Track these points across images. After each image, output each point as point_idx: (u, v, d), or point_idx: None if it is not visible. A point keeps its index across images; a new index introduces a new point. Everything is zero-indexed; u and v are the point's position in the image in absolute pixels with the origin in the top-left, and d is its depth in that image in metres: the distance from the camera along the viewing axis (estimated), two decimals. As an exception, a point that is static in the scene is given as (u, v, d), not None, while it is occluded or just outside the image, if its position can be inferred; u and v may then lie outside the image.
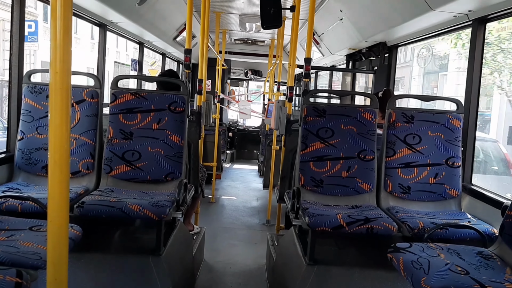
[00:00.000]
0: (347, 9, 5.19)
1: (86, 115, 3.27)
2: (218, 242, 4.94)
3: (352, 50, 6.27)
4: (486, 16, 3.24)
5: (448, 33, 4.03)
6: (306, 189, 3.25)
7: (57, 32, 1.32)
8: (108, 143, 3.25)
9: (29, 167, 3.19)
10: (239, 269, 4.25)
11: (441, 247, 2.20)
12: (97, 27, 4.79)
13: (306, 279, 2.75)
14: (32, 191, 2.90)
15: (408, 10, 3.85)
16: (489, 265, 2.05)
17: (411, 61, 13.29)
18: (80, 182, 3.21)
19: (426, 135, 3.23)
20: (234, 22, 7.64)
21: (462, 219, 2.85)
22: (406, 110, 3.29)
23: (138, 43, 6.34)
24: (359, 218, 2.71)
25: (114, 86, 3.32)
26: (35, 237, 2.07)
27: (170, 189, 3.20)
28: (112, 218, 2.70)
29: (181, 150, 3.27)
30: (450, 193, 3.15)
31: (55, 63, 1.32)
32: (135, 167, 3.23)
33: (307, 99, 3.42)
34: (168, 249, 2.92)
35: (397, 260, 2.13)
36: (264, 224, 5.85)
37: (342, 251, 3.09)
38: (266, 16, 4.00)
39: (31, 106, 3.25)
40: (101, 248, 2.90)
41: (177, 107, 3.31)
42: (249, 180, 9.10)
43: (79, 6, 4.09)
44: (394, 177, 3.21)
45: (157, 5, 5.33)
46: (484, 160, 6.74)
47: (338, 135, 3.31)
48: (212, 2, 6.08)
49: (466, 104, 3.36)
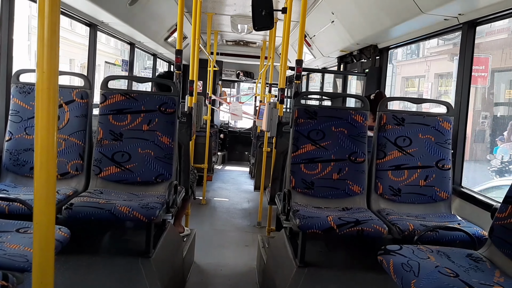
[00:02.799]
0: (339, 11, 5.20)
1: (75, 116, 3.24)
2: (208, 244, 4.92)
3: (344, 52, 6.28)
4: (476, 19, 3.26)
5: (439, 36, 4.06)
6: (297, 191, 3.24)
7: (45, 31, 1.30)
8: (97, 144, 3.22)
9: (17, 168, 3.15)
10: (230, 271, 4.23)
11: (431, 250, 2.21)
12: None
13: (296, 281, 2.74)
14: (19, 193, 2.86)
15: (399, 13, 3.87)
16: (479, 268, 2.05)
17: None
18: (69, 184, 3.17)
19: (416, 138, 3.24)
20: (225, 23, 7.63)
21: (452, 222, 2.86)
22: (397, 112, 3.29)
23: (129, 43, 6.31)
24: (349, 221, 2.71)
25: (104, 87, 3.29)
26: (22, 239, 2.04)
27: (160, 191, 3.18)
28: (101, 220, 2.67)
29: (172, 152, 3.25)
30: (440, 196, 3.16)
31: (42, 62, 1.30)
32: (124, 169, 3.20)
33: (299, 101, 3.41)
34: (158, 251, 2.89)
35: (387, 262, 2.13)
36: (255, 226, 5.84)
37: (333, 254, 3.09)
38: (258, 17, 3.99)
39: (20, 106, 3.21)
40: (90, 251, 2.86)
41: (168, 108, 3.28)
42: (240, 182, 9.08)
43: (69, 6, 4.05)
44: (385, 180, 3.21)
45: (148, 5, 5.30)
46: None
47: (329, 137, 3.31)
48: (204, 3, 6.07)
49: (456, 107, 3.37)
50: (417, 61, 13.36)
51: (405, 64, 13.87)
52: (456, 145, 3.36)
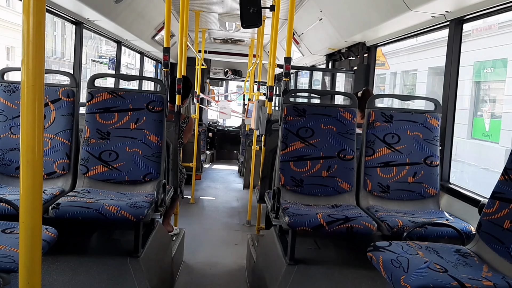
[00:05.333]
0: (327, 9, 5.21)
1: (61, 115, 3.20)
2: (197, 243, 4.90)
3: (332, 50, 6.30)
4: (463, 16, 3.28)
5: (426, 33, 4.08)
6: (286, 189, 3.24)
7: (30, 27, 1.28)
8: (84, 143, 3.18)
9: (2, 168, 3.10)
10: (219, 270, 4.22)
11: (420, 246, 2.22)
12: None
13: (286, 279, 2.74)
14: (5, 193, 2.81)
15: (386, 10, 3.88)
16: (467, 263, 2.07)
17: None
18: (56, 183, 3.13)
19: (405, 135, 3.26)
20: (213, 21, 7.60)
21: (440, 218, 2.89)
22: (385, 109, 3.31)
23: (115, 41, 6.25)
24: (339, 218, 2.71)
25: (91, 85, 3.25)
26: (8, 239, 2.01)
27: (149, 190, 3.15)
28: (89, 219, 2.64)
29: (160, 150, 3.23)
30: (429, 192, 3.19)
31: (28, 59, 1.28)
32: (112, 168, 3.17)
33: (287, 99, 3.41)
34: (146, 250, 2.87)
35: (377, 259, 2.14)
36: (244, 224, 5.83)
37: (323, 251, 3.09)
38: (246, 15, 3.98)
39: (4, 105, 3.16)
40: (77, 250, 2.83)
41: (156, 107, 3.26)
42: (229, 180, 9.06)
43: (54, 3, 4.00)
44: (374, 177, 3.22)
45: (135, 3, 5.26)
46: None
47: (318, 135, 3.31)
48: (192, 0, 6.03)
49: (444, 104, 3.40)
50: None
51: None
52: (444, 142, 3.38)
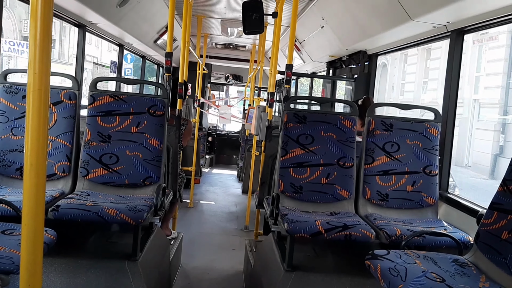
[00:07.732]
0: (329, 17, 5.24)
1: (63, 117, 3.21)
2: (195, 248, 4.90)
3: (333, 58, 6.33)
4: (464, 27, 3.31)
5: (427, 43, 4.11)
6: (285, 195, 3.25)
7: (37, 32, 1.29)
8: (85, 145, 3.19)
9: (3, 169, 3.11)
10: (217, 275, 4.22)
11: (418, 255, 2.23)
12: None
13: (284, 285, 2.74)
14: (5, 194, 2.82)
15: (388, 19, 3.91)
16: (465, 273, 2.08)
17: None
18: (56, 185, 3.14)
19: (404, 143, 3.27)
20: (215, 26, 7.64)
21: (438, 227, 2.89)
22: (385, 118, 3.32)
23: (118, 45, 6.27)
24: (337, 225, 2.72)
25: (93, 88, 3.27)
26: (8, 241, 2.02)
27: (148, 193, 3.16)
28: (88, 222, 2.64)
29: (160, 154, 3.24)
30: (427, 201, 3.20)
31: (34, 63, 1.29)
32: (112, 171, 3.18)
33: (288, 105, 3.42)
34: (144, 254, 2.87)
35: (375, 267, 2.14)
36: (242, 229, 5.83)
37: (321, 258, 3.10)
38: (248, 21, 4.01)
39: (6, 106, 3.17)
40: (76, 253, 2.83)
41: (157, 111, 3.27)
42: (228, 185, 9.07)
43: (58, 6, 4.02)
44: (373, 185, 3.24)
45: (138, 7, 5.28)
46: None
47: (318, 142, 3.32)
48: (194, 6, 6.06)
49: (444, 114, 3.42)
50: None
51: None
52: (443, 151, 3.40)
